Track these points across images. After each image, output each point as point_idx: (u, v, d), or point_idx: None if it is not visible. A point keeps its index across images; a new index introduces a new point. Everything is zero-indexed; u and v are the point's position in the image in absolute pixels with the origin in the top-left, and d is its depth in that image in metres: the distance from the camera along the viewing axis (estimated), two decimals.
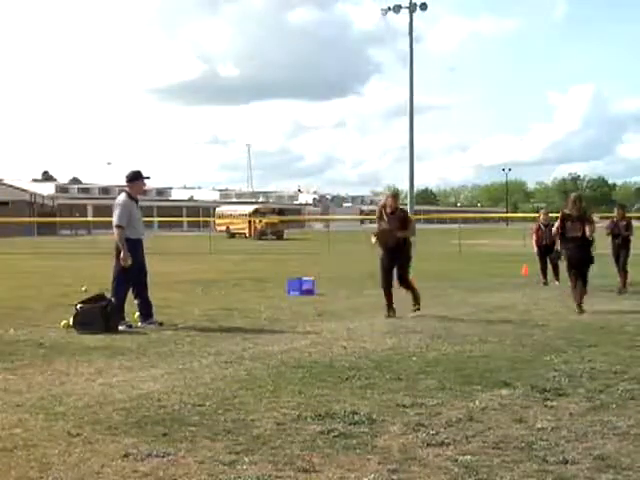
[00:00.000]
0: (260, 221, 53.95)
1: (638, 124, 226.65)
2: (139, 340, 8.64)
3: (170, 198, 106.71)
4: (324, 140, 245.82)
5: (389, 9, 43.45)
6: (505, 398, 5.79)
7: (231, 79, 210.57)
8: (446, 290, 13.39)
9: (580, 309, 10.92)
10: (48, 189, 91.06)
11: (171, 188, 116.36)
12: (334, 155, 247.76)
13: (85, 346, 8.24)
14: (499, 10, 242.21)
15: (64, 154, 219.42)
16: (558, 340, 8.52)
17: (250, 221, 54.78)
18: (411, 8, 42.23)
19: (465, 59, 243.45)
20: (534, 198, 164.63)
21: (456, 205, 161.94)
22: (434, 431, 4.92)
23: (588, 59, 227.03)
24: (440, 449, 4.56)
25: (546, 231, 15.79)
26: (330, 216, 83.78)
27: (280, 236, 52.02)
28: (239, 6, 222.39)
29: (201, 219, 63.08)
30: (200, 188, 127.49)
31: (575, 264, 11.23)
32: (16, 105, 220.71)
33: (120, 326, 9.47)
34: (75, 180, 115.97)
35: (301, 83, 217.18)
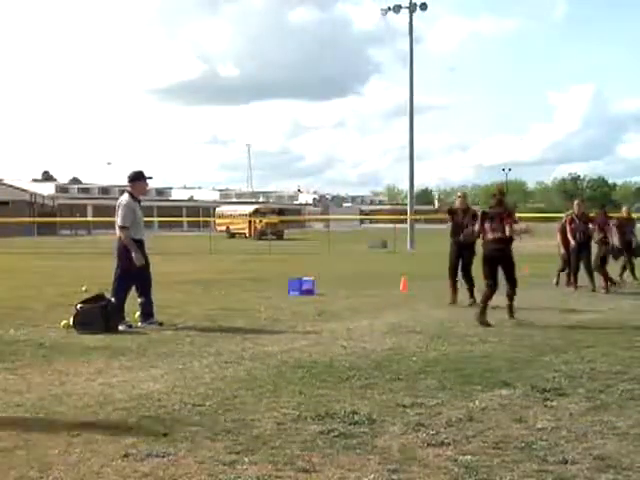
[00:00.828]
0: (260, 221, 53.98)
1: (638, 124, 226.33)
2: (139, 340, 8.64)
3: (170, 198, 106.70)
4: (324, 140, 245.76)
5: (389, 9, 43.33)
6: (505, 398, 5.79)
7: (231, 79, 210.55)
8: (446, 290, 13.38)
9: (482, 317, 9.78)
10: (48, 189, 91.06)
11: (171, 188, 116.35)
12: (334, 155, 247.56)
13: (85, 346, 8.24)
14: (499, 10, 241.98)
15: (64, 154, 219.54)
16: (558, 340, 8.52)
17: (250, 221, 54.82)
18: (411, 8, 42.13)
19: (465, 59, 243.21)
20: (534, 198, 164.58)
21: None
22: (434, 431, 4.92)
23: (588, 59, 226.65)
24: (440, 449, 4.57)
25: (580, 224, 13.99)
26: (330, 216, 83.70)
27: (280, 236, 52.00)
28: (239, 6, 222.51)
29: (201, 219, 62.98)
30: (200, 188, 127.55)
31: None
32: (16, 105, 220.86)
33: (120, 326, 9.48)
34: (75, 180, 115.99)
35: (301, 83, 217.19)
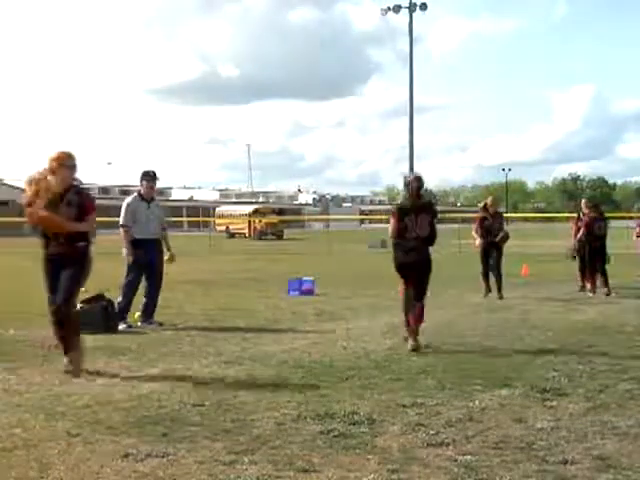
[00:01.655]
0: (260, 221, 53.94)
1: (638, 124, 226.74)
2: (139, 340, 8.64)
3: (170, 198, 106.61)
4: (324, 140, 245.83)
5: (389, 9, 43.30)
6: (505, 398, 5.79)
7: (231, 79, 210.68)
8: (446, 290, 13.38)
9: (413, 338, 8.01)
10: None
11: (171, 188, 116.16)
12: (334, 155, 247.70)
13: (85, 346, 8.22)
14: (499, 10, 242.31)
15: None
16: (558, 340, 8.52)
17: (250, 221, 54.78)
18: (411, 8, 42.10)
19: (465, 59, 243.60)
20: (534, 198, 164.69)
21: (456, 205, 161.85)
22: (434, 431, 4.92)
23: (588, 59, 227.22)
24: (440, 449, 4.56)
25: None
26: (330, 216, 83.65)
27: (280, 236, 52.01)
28: (239, 6, 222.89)
29: (201, 219, 62.86)
30: (200, 188, 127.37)
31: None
32: (16, 105, 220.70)
33: (120, 326, 9.48)
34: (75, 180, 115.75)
35: (301, 83, 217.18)
